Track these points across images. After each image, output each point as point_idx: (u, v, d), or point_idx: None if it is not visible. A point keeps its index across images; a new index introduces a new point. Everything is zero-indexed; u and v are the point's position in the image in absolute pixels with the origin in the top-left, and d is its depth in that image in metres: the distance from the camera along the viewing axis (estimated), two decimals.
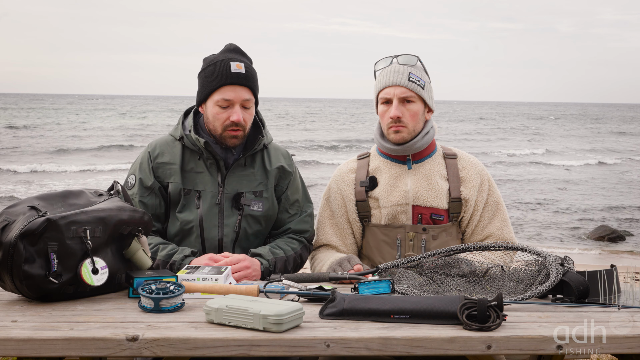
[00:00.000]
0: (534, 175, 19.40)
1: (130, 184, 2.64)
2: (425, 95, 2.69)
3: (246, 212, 2.62)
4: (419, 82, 2.67)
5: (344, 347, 1.68)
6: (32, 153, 22.29)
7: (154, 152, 2.64)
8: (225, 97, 2.52)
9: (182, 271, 2.21)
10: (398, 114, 2.66)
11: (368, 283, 2.08)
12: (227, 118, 2.53)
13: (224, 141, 2.58)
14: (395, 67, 2.69)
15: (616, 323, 1.81)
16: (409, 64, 2.69)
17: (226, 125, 2.54)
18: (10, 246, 1.92)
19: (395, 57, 2.72)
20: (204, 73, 2.58)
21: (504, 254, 2.43)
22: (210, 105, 2.57)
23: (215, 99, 2.54)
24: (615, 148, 30.14)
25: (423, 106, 2.71)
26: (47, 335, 1.68)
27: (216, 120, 2.56)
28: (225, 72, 2.52)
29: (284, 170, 2.73)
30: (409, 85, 2.65)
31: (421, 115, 2.70)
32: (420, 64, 2.73)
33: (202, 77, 2.59)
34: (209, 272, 2.18)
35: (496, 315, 1.75)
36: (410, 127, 2.69)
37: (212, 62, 2.57)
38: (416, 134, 2.71)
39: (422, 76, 2.70)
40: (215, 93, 2.54)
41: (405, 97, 2.66)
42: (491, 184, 2.79)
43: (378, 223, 2.73)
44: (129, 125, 35.93)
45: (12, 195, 13.74)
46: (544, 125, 49.18)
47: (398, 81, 2.66)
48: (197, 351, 1.67)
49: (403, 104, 2.67)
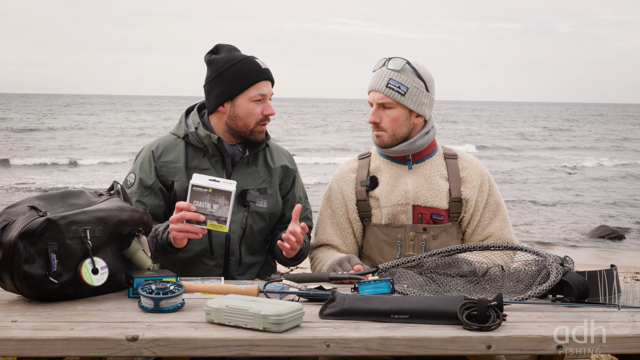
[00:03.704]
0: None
1: (129, 182, 2.64)
2: (405, 102, 2.65)
3: (252, 209, 2.65)
4: (398, 89, 2.64)
5: (344, 347, 1.68)
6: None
7: (157, 151, 2.65)
8: (262, 92, 2.59)
9: (212, 225, 2.23)
10: (375, 120, 2.69)
11: (368, 283, 2.08)
12: (261, 112, 2.60)
13: (254, 136, 2.63)
14: (381, 71, 2.69)
15: (616, 323, 1.81)
16: (394, 69, 2.66)
17: (260, 119, 2.61)
18: (10, 246, 1.92)
19: (388, 60, 2.71)
20: (229, 72, 2.58)
21: (504, 254, 2.43)
22: (243, 102, 2.59)
23: (251, 94, 2.58)
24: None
25: (406, 111, 2.68)
26: (47, 335, 1.68)
27: (251, 116, 2.60)
28: (257, 68, 2.59)
29: (287, 169, 2.77)
30: (386, 91, 2.64)
31: (404, 121, 2.68)
32: (409, 68, 2.67)
33: (227, 77, 2.58)
34: (220, 202, 2.22)
35: (496, 315, 1.75)
36: (390, 132, 2.69)
37: (233, 61, 2.58)
38: (399, 138, 2.70)
39: (405, 82, 2.65)
40: (251, 89, 2.58)
41: (382, 103, 2.67)
42: (491, 184, 2.79)
43: (378, 223, 2.73)
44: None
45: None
46: (586, 126, 47.57)
47: (377, 87, 2.67)
48: (197, 351, 1.67)
49: (382, 109, 2.68)
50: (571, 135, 39.33)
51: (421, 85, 2.69)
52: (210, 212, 2.23)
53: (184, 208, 2.25)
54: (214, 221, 2.23)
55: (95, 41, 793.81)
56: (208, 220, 2.24)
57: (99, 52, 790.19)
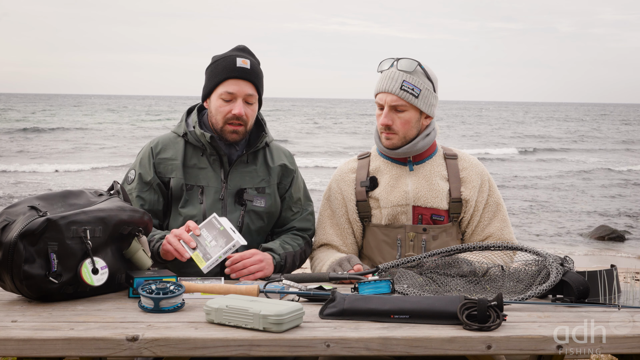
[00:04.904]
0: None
1: (130, 178, 2.66)
2: (419, 104, 2.65)
3: (249, 208, 2.64)
4: (412, 91, 2.63)
5: (344, 347, 1.68)
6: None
7: (156, 147, 2.67)
8: (229, 90, 2.56)
9: (196, 259, 2.26)
10: (387, 122, 2.66)
11: (368, 283, 2.08)
12: (229, 111, 2.57)
13: (224, 135, 2.60)
14: (392, 72, 2.66)
15: (616, 323, 1.81)
16: (406, 71, 2.64)
17: (227, 118, 2.57)
18: (10, 246, 1.92)
19: (397, 61, 2.68)
20: (211, 68, 2.64)
21: (504, 254, 2.43)
22: (214, 99, 2.61)
23: (219, 92, 2.58)
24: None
25: (418, 113, 2.68)
26: (47, 335, 1.68)
27: (218, 113, 2.59)
28: (230, 66, 2.57)
29: (287, 169, 2.76)
30: (401, 94, 2.63)
31: (415, 123, 2.68)
32: (420, 69, 2.67)
33: (208, 72, 2.65)
34: (219, 244, 2.27)
35: (496, 315, 1.75)
36: (401, 134, 2.68)
37: (219, 58, 2.63)
38: (409, 140, 2.70)
39: (418, 84, 2.64)
40: (220, 86, 2.58)
41: (396, 105, 2.65)
42: (491, 185, 2.79)
43: (378, 223, 2.73)
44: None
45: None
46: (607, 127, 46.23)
47: (390, 89, 2.64)
48: (197, 351, 1.67)
49: (394, 112, 2.66)
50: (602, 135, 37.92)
51: (430, 87, 2.69)
52: (205, 244, 2.29)
53: (191, 229, 2.33)
54: (201, 253, 2.29)
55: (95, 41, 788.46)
56: (198, 249, 2.29)
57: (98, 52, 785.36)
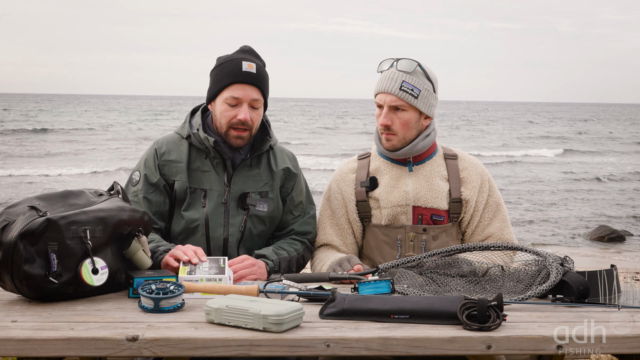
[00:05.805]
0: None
1: (134, 180, 2.63)
2: (418, 104, 2.64)
3: (252, 212, 2.62)
4: (411, 92, 2.62)
5: (344, 347, 1.68)
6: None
7: (160, 149, 2.64)
8: (234, 95, 2.53)
9: (182, 269, 2.21)
10: (387, 123, 2.66)
11: (368, 283, 2.08)
12: (234, 116, 2.54)
13: (228, 140, 2.58)
14: (391, 73, 2.65)
15: (616, 323, 1.81)
16: (406, 71, 2.63)
17: (232, 123, 2.55)
18: (10, 246, 1.92)
19: (397, 61, 2.67)
20: (216, 71, 2.60)
21: (504, 254, 2.43)
22: (219, 103, 2.58)
23: (225, 96, 2.55)
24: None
25: (417, 114, 2.68)
26: (47, 335, 1.68)
27: (223, 118, 2.56)
28: (236, 70, 2.54)
29: (290, 172, 2.74)
30: (400, 94, 2.62)
31: (414, 123, 2.68)
32: (420, 70, 2.66)
33: (213, 75, 2.61)
34: (210, 271, 2.18)
35: (496, 315, 1.75)
36: (400, 135, 2.68)
37: (224, 60, 2.59)
38: (408, 141, 2.70)
39: (418, 84, 2.64)
40: (225, 91, 2.55)
41: (395, 105, 2.64)
42: (491, 185, 2.79)
43: (378, 223, 2.73)
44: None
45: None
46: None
47: (390, 89, 2.64)
48: (197, 351, 1.67)
49: (394, 112, 2.66)
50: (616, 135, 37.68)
51: (430, 87, 2.68)
52: (202, 268, 2.22)
53: (198, 255, 2.27)
54: (188, 268, 2.22)
55: (95, 41, 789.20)
56: (189, 267, 2.23)
57: (98, 52, 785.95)
